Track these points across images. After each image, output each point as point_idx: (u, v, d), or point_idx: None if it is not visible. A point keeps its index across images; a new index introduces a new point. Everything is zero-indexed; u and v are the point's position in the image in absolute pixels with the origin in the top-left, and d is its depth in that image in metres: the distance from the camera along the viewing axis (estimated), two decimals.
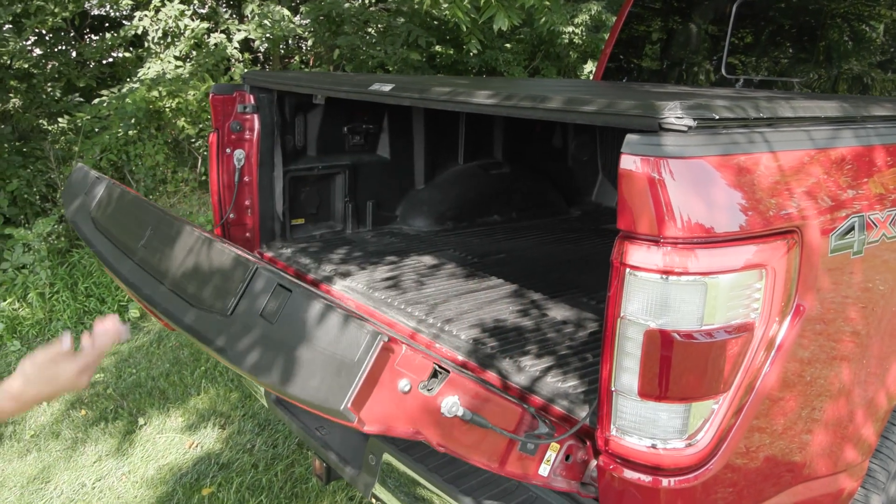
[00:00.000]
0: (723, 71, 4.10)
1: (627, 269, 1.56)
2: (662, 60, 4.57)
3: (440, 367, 1.54)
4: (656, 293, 1.54)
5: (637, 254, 1.55)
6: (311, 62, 9.41)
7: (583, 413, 1.94)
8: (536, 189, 4.36)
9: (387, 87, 2.45)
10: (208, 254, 1.95)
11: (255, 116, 3.25)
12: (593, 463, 1.80)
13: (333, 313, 1.49)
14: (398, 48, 8.23)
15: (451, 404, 1.55)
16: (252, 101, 3.23)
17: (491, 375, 2.21)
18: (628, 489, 1.69)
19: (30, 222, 5.93)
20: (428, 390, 1.52)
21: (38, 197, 6.25)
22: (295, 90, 3.18)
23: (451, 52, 8.94)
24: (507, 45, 9.22)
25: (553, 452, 1.75)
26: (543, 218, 4.25)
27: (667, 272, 1.52)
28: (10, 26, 7.20)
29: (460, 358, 2.33)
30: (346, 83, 2.87)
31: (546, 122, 4.49)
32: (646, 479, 1.66)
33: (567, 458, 1.78)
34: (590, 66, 9.46)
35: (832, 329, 1.82)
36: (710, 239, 1.53)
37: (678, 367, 1.56)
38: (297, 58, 9.53)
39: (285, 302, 1.59)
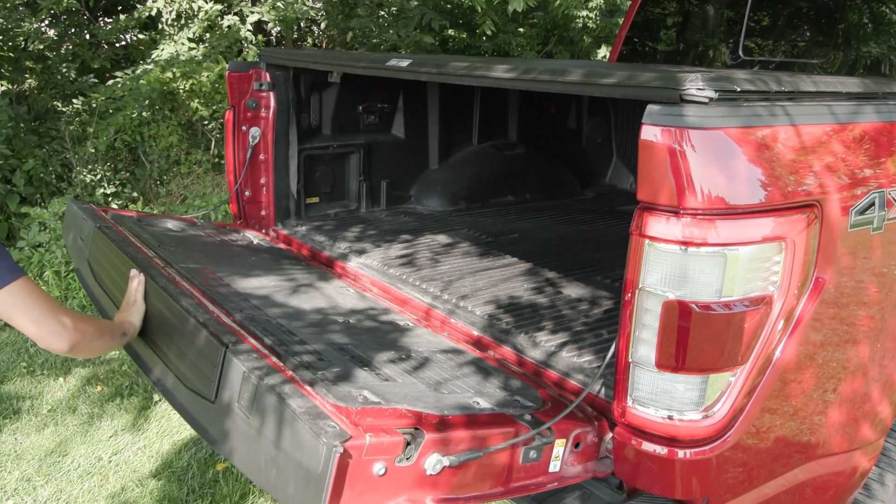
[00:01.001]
0: (740, 53, 4.07)
1: (647, 241, 1.56)
2: (678, 43, 4.54)
3: (414, 431, 1.50)
4: (675, 264, 1.54)
5: (657, 225, 1.55)
6: (323, 45, 9.40)
7: (597, 386, 1.94)
8: (550, 170, 4.35)
9: (404, 63, 2.45)
10: (188, 327, 1.93)
11: (271, 94, 3.26)
12: (608, 436, 1.80)
13: (292, 415, 1.47)
14: (411, 31, 8.20)
15: (435, 461, 1.52)
16: (268, 79, 3.24)
17: (506, 350, 2.22)
18: (644, 461, 1.70)
19: (45, 201, 5.97)
20: (407, 459, 1.49)
21: (53, 176, 6.29)
22: (311, 67, 3.18)
23: (465, 35, 8.90)
24: (521, 30, 9.16)
25: (560, 448, 1.73)
26: (557, 199, 4.24)
27: (686, 243, 1.52)
28: (25, 8, 7.22)
29: (476, 333, 2.34)
30: (363, 60, 2.87)
31: (560, 103, 4.47)
32: (661, 450, 1.67)
33: (577, 445, 1.77)
34: (603, 51, 9.39)
35: (850, 305, 1.82)
36: (730, 211, 1.53)
37: (696, 338, 1.56)
38: (309, 40, 9.51)
39: (255, 393, 1.59)
